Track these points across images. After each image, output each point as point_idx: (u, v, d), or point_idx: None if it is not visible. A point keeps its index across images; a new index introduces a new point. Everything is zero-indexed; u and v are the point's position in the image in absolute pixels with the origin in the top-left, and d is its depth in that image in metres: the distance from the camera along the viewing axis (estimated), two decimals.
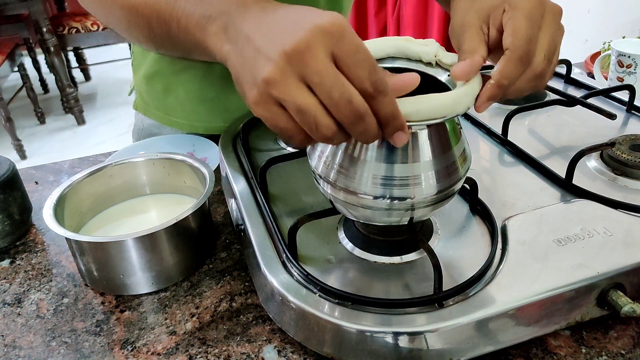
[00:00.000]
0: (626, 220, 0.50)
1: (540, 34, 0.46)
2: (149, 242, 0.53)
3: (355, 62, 0.36)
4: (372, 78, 0.36)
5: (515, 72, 0.44)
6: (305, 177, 0.61)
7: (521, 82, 0.45)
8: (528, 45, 0.44)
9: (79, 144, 3.06)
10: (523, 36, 0.44)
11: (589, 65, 1.03)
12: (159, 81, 0.83)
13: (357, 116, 0.37)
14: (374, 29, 2.79)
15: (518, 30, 0.44)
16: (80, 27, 3.12)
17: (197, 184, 0.63)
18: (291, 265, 0.48)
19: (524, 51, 0.44)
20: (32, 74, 3.29)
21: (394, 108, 0.37)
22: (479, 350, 0.43)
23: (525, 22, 0.45)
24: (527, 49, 0.44)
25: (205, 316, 0.51)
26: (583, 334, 0.46)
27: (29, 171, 0.80)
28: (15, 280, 0.58)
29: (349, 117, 0.37)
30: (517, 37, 0.44)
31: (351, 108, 0.36)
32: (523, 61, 0.44)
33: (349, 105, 0.36)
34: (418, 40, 0.46)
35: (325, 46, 0.36)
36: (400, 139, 0.39)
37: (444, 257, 0.48)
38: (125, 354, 0.48)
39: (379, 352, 0.41)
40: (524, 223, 0.51)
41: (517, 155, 0.63)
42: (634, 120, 0.70)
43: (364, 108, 0.37)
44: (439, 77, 0.44)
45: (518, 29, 0.44)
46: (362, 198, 0.43)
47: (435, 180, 0.43)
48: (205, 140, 0.80)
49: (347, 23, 0.37)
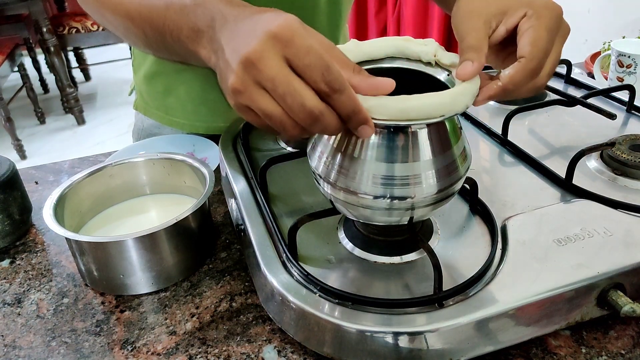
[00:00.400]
0: (626, 220, 0.50)
1: (552, 50, 0.46)
2: (149, 242, 0.53)
3: (307, 64, 0.37)
4: (326, 78, 0.37)
5: (524, 81, 0.44)
6: (305, 177, 0.61)
7: (522, 90, 0.45)
8: (543, 58, 0.45)
9: (79, 144, 3.06)
10: (542, 49, 0.44)
11: (589, 65, 1.03)
12: (159, 81, 0.83)
13: (312, 118, 0.38)
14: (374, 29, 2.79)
15: (539, 41, 0.44)
16: (80, 27, 3.12)
17: (197, 184, 0.63)
18: (291, 265, 0.48)
19: (538, 64, 0.44)
20: (32, 74, 3.29)
21: (354, 104, 0.38)
22: (479, 350, 0.43)
23: (546, 35, 0.45)
24: (541, 62, 0.45)
25: (205, 316, 0.51)
26: (583, 334, 0.46)
27: (29, 171, 0.80)
28: (15, 280, 0.58)
29: (305, 119, 0.38)
30: (536, 48, 0.44)
31: (305, 111, 0.37)
32: (534, 73, 0.45)
33: (303, 109, 0.37)
34: (417, 40, 0.46)
35: (276, 52, 0.37)
36: (365, 132, 0.39)
37: (444, 257, 0.48)
38: (125, 354, 0.48)
39: (379, 352, 0.41)
40: (524, 223, 0.51)
41: (517, 155, 0.63)
42: (634, 120, 0.70)
43: (317, 110, 0.38)
44: (438, 77, 0.44)
45: (539, 40, 0.44)
46: (363, 198, 0.43)
47: (436, 179, 0.43)
48: (205, 140, 0.80)
49: (298, 26, 0.38)
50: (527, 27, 0.45)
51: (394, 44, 0.46)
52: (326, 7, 0.77)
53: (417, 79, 0.45)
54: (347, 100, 0.38)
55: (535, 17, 0.45)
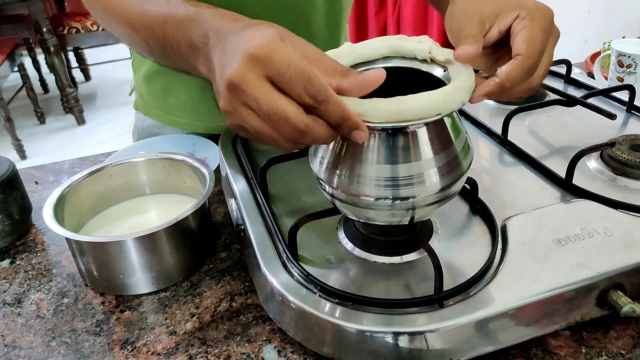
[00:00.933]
0: (626, 220, 0.50)
1: (545, 51, 0.47)
2: (149, 242, 0.53)
3: (288, 79, 0.37)
4: (309, 90, 0.37)
5: (520, 79, 0.45)
6: (305, 177, 0.61)
7: (516, 90, 0.46)
8: (539, 57, 0.45)
9: (79, 144, 3.06)
10: (537, 47, 0.45)
11: (589, 65, 1.03)
12: (159, 80, 0.83)
13: (299, 132, 0.38)
14: (374, 29, 2.79)
15: (534, 40, 0.45)
16: (80, 27, 3.12)
17: (197, 184, 0.63)
18: (291, 265, 0.48)
19: (534, 62, 0.45)
20: (32, 74, 3.29)
21: (341, 111, 0.38)
22: (479, 350, 0.43)
23: (540, 35, 0.45)
24: (537, 60, 0.45)
25: (205, 316, 0.51)
26: (583, 334, 0.46)
27: (29, 171, 0.80)
28: (15, 280, 0.58)
29: (292, 134, 0.39)
30: (532, 47, 0.45)
31: (290, 126, 0.38)
32: (530, 71, 0.45)
33: (288, 124, 0.38)
34: (412, 38, 0.46)
35: (256, 72, 0.38)
36: (359, 136, 0.39)
37: (444, 257, 0.48)
38: (125, 354, 0.48)
39: (379, 352, 0.41)
40: (524, 223, 0.51)
41: (517, 155, 0.63)
42: (634, 120, 0.70)
43: (302, 124, 0.38)
44: (434, 73, 0.44)
45: (534, 39, 0.45)
46: (366, 200, 0.43)
47: (438, 177, 0.43)
48: (205, 140, 0.80)
49: (276, 41, 0.38)
50: (522, 27, 0.46)
51: (389, 44, 0.46)
52: (325, 7, 0.77)
53: (413, 77, 0.45)
54: (334, 109, 0.38)
55: (529, 18, 0.46)
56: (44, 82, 3.67)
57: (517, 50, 0.45)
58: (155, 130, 0.88)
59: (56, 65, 3.02)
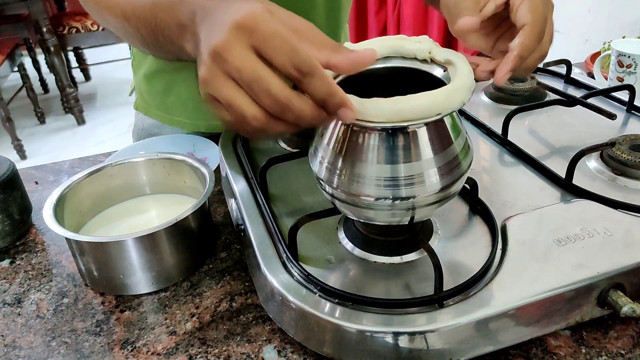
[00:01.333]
0: (626, 220, 0.50)
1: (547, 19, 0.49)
2: (149, 242, 0.53)
3: (273, 49, 0.36)
4: (294, 61, 0.36)
5: (533, 46, 0.47)
6: (305, 177, 0.61)
7: (531, 60, 0.48)
8: (544, 24, 0.48)
9: (79, 144, 3.06)
10: (542, 13, 0.48)
11: (589, 65, 1.03)
12: (159, 80, 0.83)
13: (281, 105, 0.37)
14: (374, 29, 2.79)
15: (537, 9, 0.47)
16: (80, 27, 3.12)
17: (197, 184, 0.63)
18: (291, 265, 0.48)
19: (541, 29, 0.48)
20: (32, 74, 3.29)
21: (327, 86, 0.37)
22: (479, 350, 0.43)
23: (541, 4, 0.48)
24: (543, 27, 0.48)
25: (205, 316, 0.51)
26: (583, 334, 0.46)
27: (29, 171, 0.80)
28: (15, 280, 0.58)
29: (273, 106, 0.37)
30: (536, 15, 0.47)
31: (272, 98, 0.37)
32: (539, 38, 0.48)
33: (269, 96, 0.37)
34: (411, 38, 0.46)
35: (242, 41, 0.37)
36: (345, 115, 0.38)
37: (444, 257, 0.48)
38: (125, 354, 0.48)
39: (379, 352, 0.41)
40: (524, 223, 0.51)
41: (517, 155, 0.63)
42: (634, 120, 0.70)
43: (284, 96, 0.37)
44: (434, 73, 0.44)
45: (537, 8, 0.48)
46: (366, 200, 0.43)
47: (438, 177, 0.43)
48: (205, 140, 0.80)
49: (262, 12, 0.37)
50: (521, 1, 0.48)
51: (389, 44, 0.46)
52: (324, 6, 0.77)
53: (413, 77, 0.45)
54: (319, 83, 0.37)
55: None
56: (44, 82, 3.66)
57: (523, 21, 0.47)
58: (156, 130, 0.88)
59: (56, 65, 3.02)
